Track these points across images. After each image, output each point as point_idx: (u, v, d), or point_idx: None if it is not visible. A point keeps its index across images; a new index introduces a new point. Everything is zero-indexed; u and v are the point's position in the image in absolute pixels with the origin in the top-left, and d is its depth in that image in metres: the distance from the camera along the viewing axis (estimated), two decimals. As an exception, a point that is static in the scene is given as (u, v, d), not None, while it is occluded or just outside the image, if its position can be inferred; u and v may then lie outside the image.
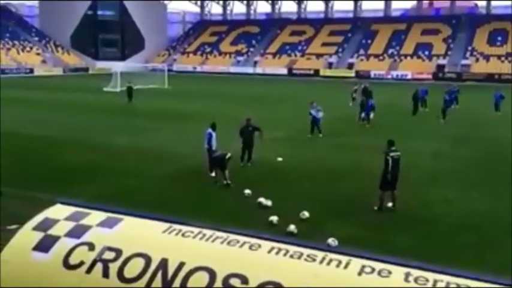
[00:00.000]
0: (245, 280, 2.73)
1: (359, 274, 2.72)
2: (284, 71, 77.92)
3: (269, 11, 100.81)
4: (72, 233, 3.20)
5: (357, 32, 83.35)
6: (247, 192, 13.35)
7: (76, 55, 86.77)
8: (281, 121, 27.19)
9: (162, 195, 13.51)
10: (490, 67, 67.95)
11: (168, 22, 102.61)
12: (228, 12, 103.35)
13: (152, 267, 2.89)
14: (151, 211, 3.69)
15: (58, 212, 3.44)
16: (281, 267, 2.82)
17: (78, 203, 3.62)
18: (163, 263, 2.90)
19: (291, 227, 10.63)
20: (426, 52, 74.18)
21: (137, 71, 56.88)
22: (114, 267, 2.94)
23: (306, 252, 2.91)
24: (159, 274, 2.85)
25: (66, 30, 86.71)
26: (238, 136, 17.05)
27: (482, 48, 71.82)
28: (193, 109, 32.23)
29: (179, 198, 13.27)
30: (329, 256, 2.87)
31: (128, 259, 2.96)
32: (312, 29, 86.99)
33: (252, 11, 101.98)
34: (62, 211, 3.45)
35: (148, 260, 2.93)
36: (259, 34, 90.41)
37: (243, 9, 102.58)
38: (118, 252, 3.01)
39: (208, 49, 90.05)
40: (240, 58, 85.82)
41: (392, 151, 12.37)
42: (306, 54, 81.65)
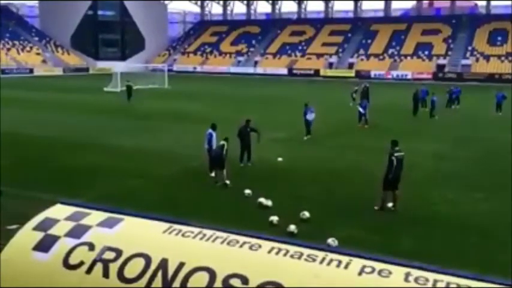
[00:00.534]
0: (245, 280, 2.73)
1: (359, 274, 2.72)
2: (284, 71, 77.96)
3: (269, 11, 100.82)
4: (72, 233, 3.20)
5: (357, 32, 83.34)
6: (247, 192, 13.34)
7: (76, 55, 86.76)
8: (281, 121, 27.17)
9: (163, 195, 13.52)
10: (490, 67, 67.97)
11: (169, 22, 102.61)
12: (229, 12, 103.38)
13: (152, 267, 2.89)
14: (152, 211, 3.69)
15: (58, 212, 3.44)
16: (281, 267, 2.82)
17: (78, 203, 3.62)
18: (163, 263, 2.89)
19: (291, 227, 10.61)
20: (426, 52, 74.14)
21: (137, 71, 56.93)
22: (114, 267, 2.94)
23: (306, 252, 2.91)
24: (159, 274, 2.85)
25: (66, 30, 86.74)
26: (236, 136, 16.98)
27: (482, 48, 71.80)
28: (193, 109, 32.21)
29: (179, 198, 13.27)
30: (329, 256, 2.87)
31: (128, 259, 2.96)
32: (312, 29, 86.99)
33: (252, 11, 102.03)
34: (62, 211, 3.45)
35: (148, 260, 2.93)
36: (259, 34, 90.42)
37: (244, 9, 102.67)
38: (118, 252, 3.01)
39: (208, 49, 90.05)
40: (241, 58, 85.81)
41: (396, 151, 12.38)
42: (306, 54, 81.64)
